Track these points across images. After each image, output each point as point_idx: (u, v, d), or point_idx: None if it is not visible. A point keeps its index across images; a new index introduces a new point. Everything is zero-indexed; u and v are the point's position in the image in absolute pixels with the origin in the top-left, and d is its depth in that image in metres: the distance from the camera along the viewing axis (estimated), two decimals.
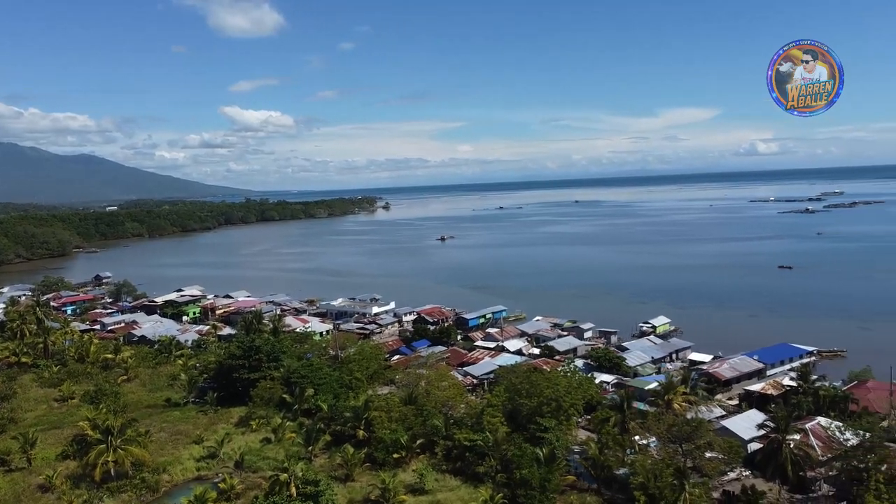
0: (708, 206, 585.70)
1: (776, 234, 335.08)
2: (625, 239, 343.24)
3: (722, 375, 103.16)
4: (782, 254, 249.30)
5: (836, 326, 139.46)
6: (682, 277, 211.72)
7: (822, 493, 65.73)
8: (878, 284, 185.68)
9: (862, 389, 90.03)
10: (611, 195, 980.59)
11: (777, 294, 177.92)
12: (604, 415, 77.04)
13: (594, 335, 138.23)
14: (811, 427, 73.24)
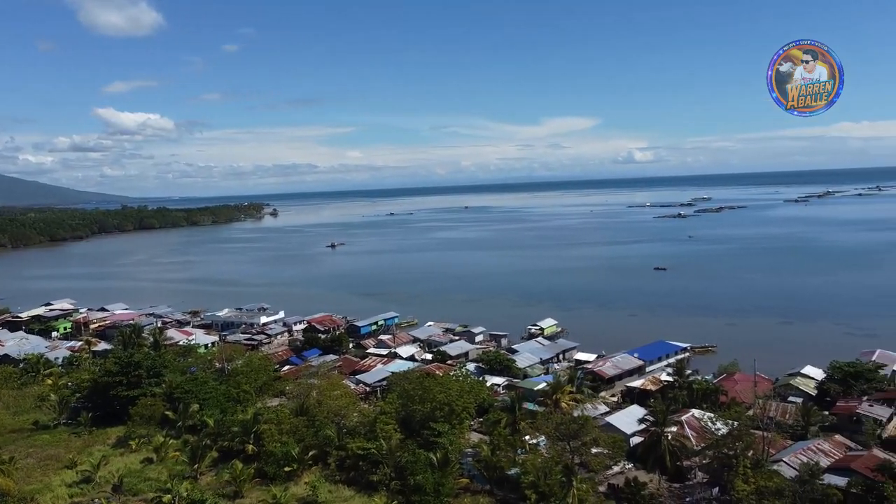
0: (589, 212, 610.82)
1: (652, 237, 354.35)
2: (513, 244, 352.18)
3: (605, 373, 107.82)
4: (658, 256, 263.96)
5: (706, 323, 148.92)
6: (567, 280, 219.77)
7: (697, 481, 69.93)
8: (743, 283, 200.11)
9: (730, 382, 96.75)
10: (499, 201, 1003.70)
11: (654, 294, 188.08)
12: (495, 417, 78.49)
13: (485, 339, 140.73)
14: (686, 419, 77.88)
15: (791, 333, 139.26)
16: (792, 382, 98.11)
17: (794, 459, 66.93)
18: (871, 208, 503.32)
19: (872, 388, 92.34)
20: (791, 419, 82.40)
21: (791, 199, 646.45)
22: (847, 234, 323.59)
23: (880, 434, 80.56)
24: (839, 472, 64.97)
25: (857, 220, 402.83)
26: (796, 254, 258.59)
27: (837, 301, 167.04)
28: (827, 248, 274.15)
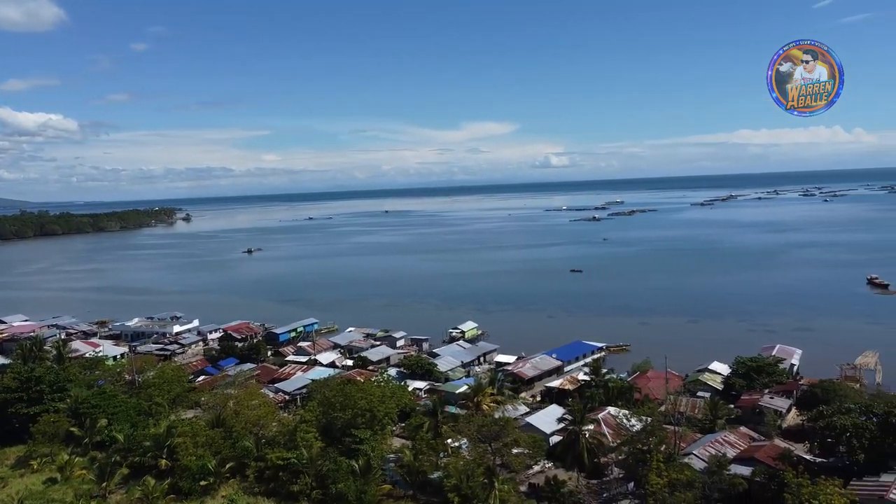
0: (507, 216, 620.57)
1: (568, 240, 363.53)
2: (433, 248, 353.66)
3: (525, 374, 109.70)
4: (574, 258, 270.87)
5: (621, 323, 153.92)
6: (487, 283, 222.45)
7: (613, 476, 72.11)
8: (654, 284, 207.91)
9: (643, 379, 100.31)
10: (419, 205, 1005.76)
11: (570, 295, 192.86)
12: (417, 421, 78.50)
13: (406, 343, 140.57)
14: (603, 417, 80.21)
15: (698, 331, 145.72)
16: (700, 378, 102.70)
17: (703, 452, 70.03)
18: (769, 211, 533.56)
19: (773, 381, 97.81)
20: (700, 413, 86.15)
21: (697, 203, 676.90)
22: (748, 235, 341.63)
23: (780, 424, 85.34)
24: (744, 462, 68.48)
25: (757, 222, 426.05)
26: (702, 255, 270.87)
27: (740, 299, 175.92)
28: (730, 249, 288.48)
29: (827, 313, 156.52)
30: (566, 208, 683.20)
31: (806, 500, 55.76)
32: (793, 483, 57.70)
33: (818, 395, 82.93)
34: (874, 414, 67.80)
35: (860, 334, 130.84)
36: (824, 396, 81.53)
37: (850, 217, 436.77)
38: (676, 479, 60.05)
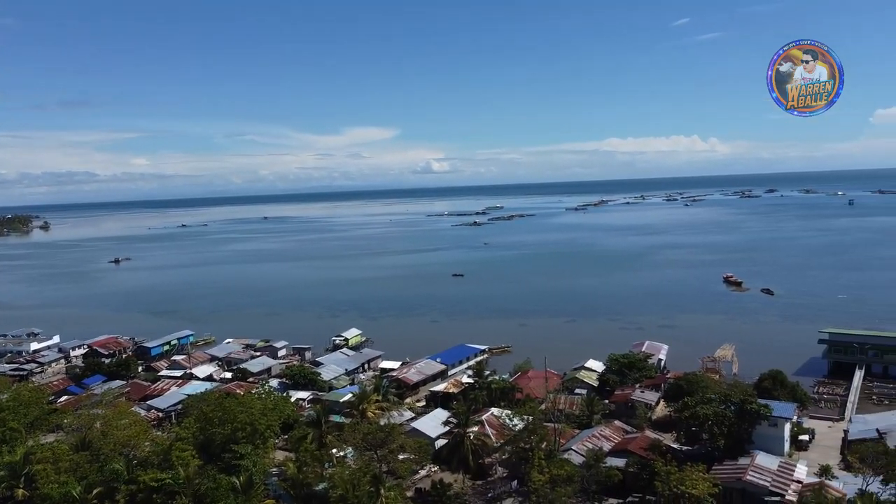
0: (389, 221, 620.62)
1: (450, 245, 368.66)
2: (315, 254, 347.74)
3: (410, 380, 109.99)
4: (456, 263, 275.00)
5: (502, 325, 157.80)
6: (371, 289, 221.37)
7: (497, 476, 73.73)
8: (533, 286, 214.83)
9: (524, 379, 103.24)
10: (300, 211, 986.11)
11: (453, 299, 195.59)
12: (301, 432, 76.73)
13: (288, 353, 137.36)
14: (486, 418, 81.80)
15: (575, 331, 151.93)
16: (577, 376, 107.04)
17: (581, 447, 72.99)
18: (637, 215, 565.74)
19: (643, 375, 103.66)
20: (578, 410, 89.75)
21: (572, 208, 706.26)
22: (618, 238, 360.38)
23: (650, 416, 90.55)
24: (619, 454, 72.04)
25: (626, 225, 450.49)
26: (577, 257, 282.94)
27: (612, 299, 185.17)
28: (602, 251, 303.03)
29: (689, 310, 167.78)
30: (448, 213, 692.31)
31: (674, 486, 59.44)
32: (662, 471, 61.35)
33: (683, 388, 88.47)
34: (732, 402, 73.34)
35: (718, 329, 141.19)
36: (688, 388, 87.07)
37: (707, 220, 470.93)
38: (557, 474, 62.20)
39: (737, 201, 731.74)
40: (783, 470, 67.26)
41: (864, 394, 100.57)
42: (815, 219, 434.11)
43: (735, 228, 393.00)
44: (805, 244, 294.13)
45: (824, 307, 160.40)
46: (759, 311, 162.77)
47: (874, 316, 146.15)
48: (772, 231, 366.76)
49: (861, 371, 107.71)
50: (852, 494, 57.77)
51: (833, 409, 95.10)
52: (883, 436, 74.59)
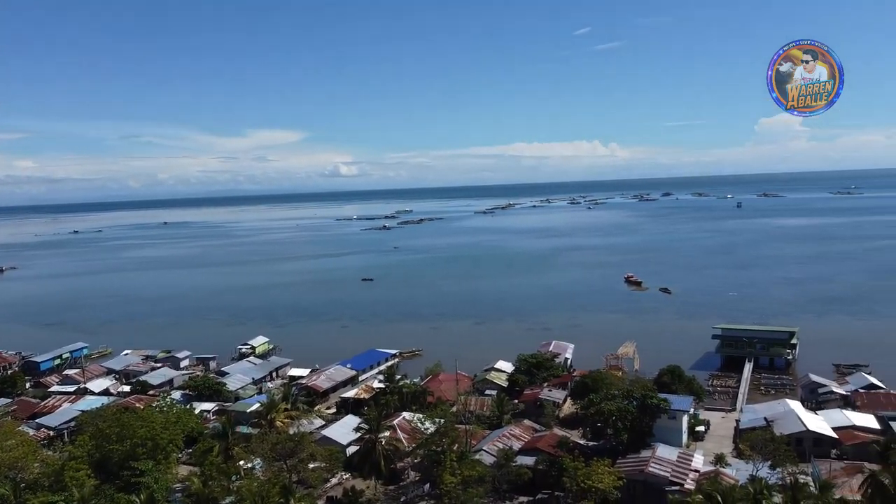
0: (296, 226, 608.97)
1: (360, 249, 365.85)
2: (218, 260, 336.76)
3: (320, 387, 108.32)
4: (365, 267, 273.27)
5: (412, 329, 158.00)
6: (278, 295, 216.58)
7: (410, 480, 73.68)
8: (442, 289, 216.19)
9: (435, 382, 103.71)
10: (202, 215, 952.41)
11: (363, 304, 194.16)
12: (206, 445, 73.98)
13: (191, 363, 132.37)
14: (398, 422, 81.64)
15: (484, 332, 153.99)
16: (487, 377, 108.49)
17: (492, 447, 73.97)
18: (543, 218, 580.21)
19: (551, 375, 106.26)
20: (488, 410, 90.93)
21: (480, 211, 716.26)
22: (525, 241, 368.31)
23: (558, 414, 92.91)
24: (528, 452, 73.49)
25: (533, 228, 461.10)
26: (486, 260, 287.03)
27: (520, 300, 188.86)
28: (510, 253, 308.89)
29: (593, 310, 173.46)
30: (357, 217, 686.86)
31: (581, 481, 61.31)
32: (570, 467, 63.15)
33: (588, 385, 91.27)
34: (634, 398, 76.37)
35: (621, 327, 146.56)
36: (593, 385, 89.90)
37: (609, 222, 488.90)
38: (469, 475, 62.84)
39: (636, 204, 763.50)
40: (682, 460, 70.60)
41: (753, 385, 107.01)
42: (707, 220, 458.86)
43: (635, 230, 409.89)
44: (698, 245, 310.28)
45: (717, 304, 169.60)
46: (658, 310, 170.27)
47: (761, 312, 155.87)
48: (668, 232, 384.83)
49: (750, 364, 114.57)
50: (744, 480, 61.25)
51: (726, 400, 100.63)
52: (770, 423, 79.53)
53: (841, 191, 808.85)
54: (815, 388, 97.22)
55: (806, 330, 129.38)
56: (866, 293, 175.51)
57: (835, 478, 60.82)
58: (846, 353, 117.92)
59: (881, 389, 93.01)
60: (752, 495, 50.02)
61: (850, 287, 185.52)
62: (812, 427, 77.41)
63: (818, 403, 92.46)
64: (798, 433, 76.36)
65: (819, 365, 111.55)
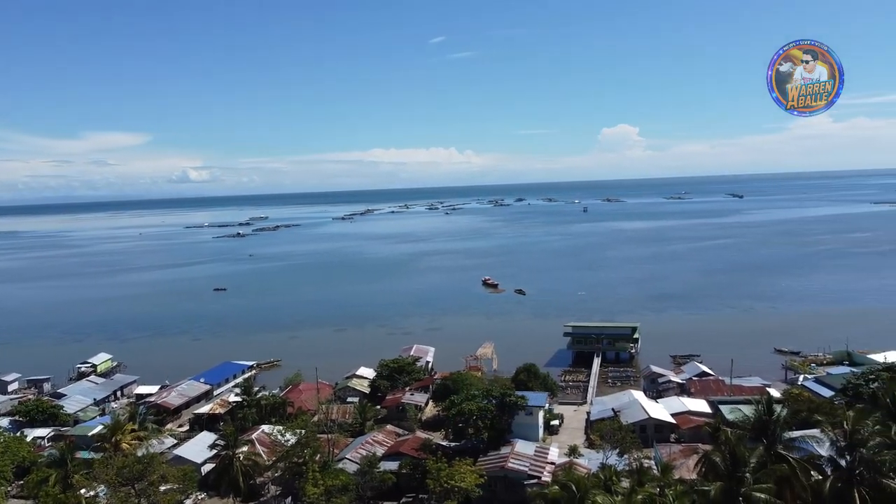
0: (139, 234, 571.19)
1: (211, 258, 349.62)
2: (52, 273, 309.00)
3: (171, 404, 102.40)
4: (218, 277, 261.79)
5: (270, 339, 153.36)
6: (121, 309, 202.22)
7: (270, 495, 71.30)
8: (301, 297, 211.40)
9: (296, 392, 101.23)
10: (32, 224, 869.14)
11: (216, 316, 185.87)
12: (41, 475, 67.67)
13: (22, 386, 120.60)
14: (257, 436, 78.81)
15: (345, 339, 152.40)
16: (349, 384, 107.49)
17: (355, 455, 73.33)
18: (402, 224, 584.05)
19: (412, 378, 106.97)
20: (350, 418, 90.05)
21: (339, 217, 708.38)
22: (385, 246, 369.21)
23: (420, 417, 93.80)
24: (392, 457, 73.56)
25: (392, 234, 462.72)
26: (345, 266, 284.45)
27: (380, 306, 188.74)
28: (369, 259, 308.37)
29: (452, 312, 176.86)
30: (208, 225, 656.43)
31: (445, 481, 62.17)
32: (433, 469, 63.89)
33: (449, 387, 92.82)
34: (493, 397, 78.67)
35: (479, 328, 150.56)
36: (454, 387, 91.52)
37: (466, 227, 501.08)
38: (332, 485, 61.91)
39: (491, 209, 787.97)
40: (539, 454, 73.57)
41: (602, 378, 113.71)
42: (557, 224, 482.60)
43: (491, 234, 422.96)
44: (549, 247, 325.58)
45: (567, 304, 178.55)
46: (513, 311, 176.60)
47: (607, 309, 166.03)
48: (522, 236, 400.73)
49: (598, 358, 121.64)
50: (596, 468, 64.79)
51: (577, 394, 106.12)
52: (617, 414, 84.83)
53: (673, 196, 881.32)
54: (656, 378, 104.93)
55: (646, 325, 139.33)
56: (696, 289, 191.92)
57: (674, 460, 65.91)
58: (681, 344, 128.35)
59: (711, 376, 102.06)
60: (603, 482, 52.99)
61: (682, 284, 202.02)
62: (654, 414, 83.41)
63: (658, 392, 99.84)
64: (642, 421, 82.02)
65: (658, 357, 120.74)
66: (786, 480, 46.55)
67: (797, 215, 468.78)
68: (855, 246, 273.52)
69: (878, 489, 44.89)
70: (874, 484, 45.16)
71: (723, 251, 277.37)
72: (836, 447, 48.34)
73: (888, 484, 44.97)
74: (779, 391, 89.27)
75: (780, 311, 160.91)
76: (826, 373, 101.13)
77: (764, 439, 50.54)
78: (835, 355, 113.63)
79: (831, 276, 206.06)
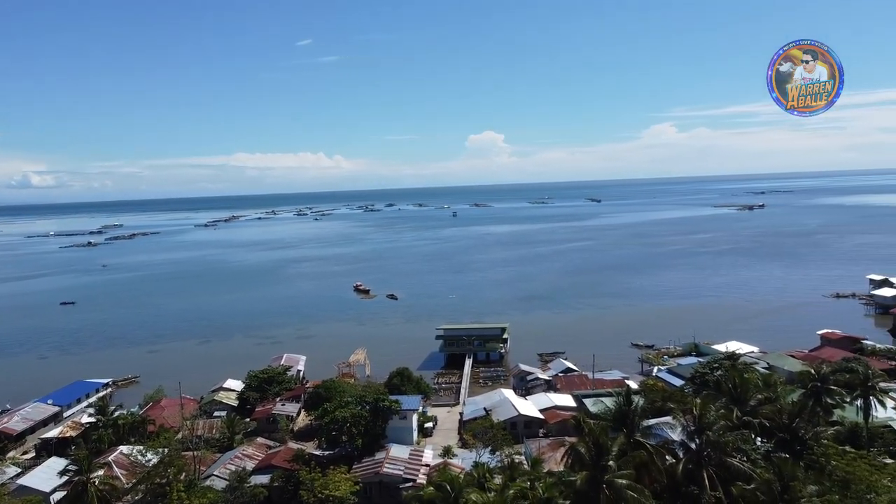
0: None
1: (59, 269, 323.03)
2: None
3: (12, 430, 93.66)
4: (66, 289, 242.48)
5: (127, 354, 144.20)
6: None
7: None
8: (161, 309, 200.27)
9: (157, 409, 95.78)
10: None
11: (64, 331, 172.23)
12: None
13: None
14: (114, 458, 73.76)
15: (210, 351, 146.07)
16: (216, 398, 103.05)
17: (223, 470, 70.39)
18: (269, 230, 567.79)
19: (283, 388, 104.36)
20: (218, 433, 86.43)
21: (202, 224, 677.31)
22: (251, 254, 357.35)
23: (293, 428, 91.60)
24: (263, 470, 71.33)
25: (259, 241, 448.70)
26: (209, 275, 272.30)
27: (247, 315, 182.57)
28: (235, 268, 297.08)
29: (324, 320, 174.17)
30: (54, 234, 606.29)
31: (319, 491, 61.07)
32: (307, 479, 62.58)
33: (322, 395, 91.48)
34: (367, 402, 78.26)
35: (351, 335, 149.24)
36: (327, 395, 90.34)
37: (336, 233, 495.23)
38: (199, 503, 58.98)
39: (361, 215, 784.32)
40: (413, 457, 74.02)
41: (474, 378, 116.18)
42: (427, 230, 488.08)
43: (361, 240, 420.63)
44: (420, 252, 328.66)
45: (438, 307, 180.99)
46: (386, 316, 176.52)
47: (477, 311, 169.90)
48: (393, 241, 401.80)
49: (470, 359, 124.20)
50: (469, 467, 66.05)
51: (451, 395, 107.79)
52: (489, 412, 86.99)
53: (537, 200, 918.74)
54: (525, 376, 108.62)
55: (515, 325, 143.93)
56: (560, 290, 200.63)
57: (543, 453, 68.43)
58: (547, 343, 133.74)
59: (575, 372, 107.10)
60: (477, 479, 54.19)
61: (547, 285, 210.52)
62: (523, 411, 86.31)
63: (527, 389, 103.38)
64: (512, 418, 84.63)
65: (527, 355, 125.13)
66: (644, 466, 49.63)
67: (648, 218, 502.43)
68: (698, 246, 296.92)
69: (723, 468, 48.90)
70: (720, 463, 49.16)
71: (583, 253, 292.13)
72: (687, 432, 52.23)
73: (731, 462, 49.12)
74: (636, 383, 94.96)
75: (635, 307, 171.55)
76: (677, 364, 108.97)
77: (624, 428, 53.60)
78: (684, 347, 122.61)
79: (678, 274, 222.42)
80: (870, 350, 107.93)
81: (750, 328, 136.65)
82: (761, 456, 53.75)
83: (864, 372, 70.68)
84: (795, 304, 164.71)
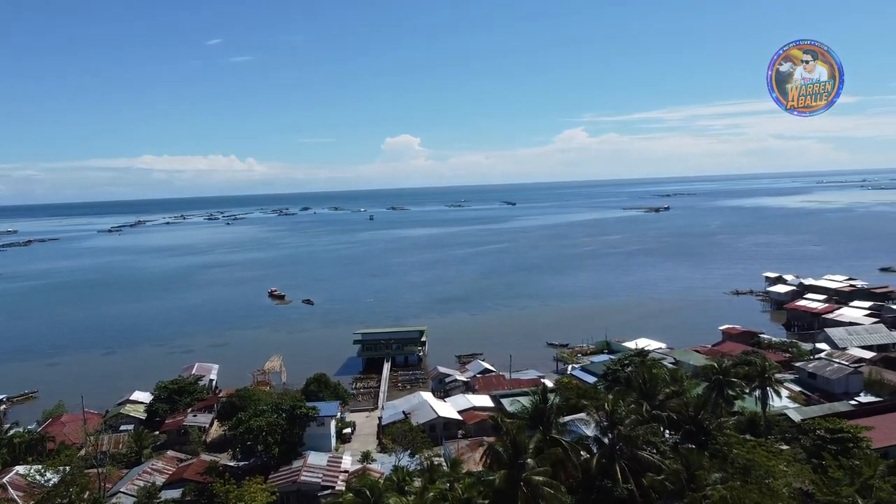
0: None
1: None
2: None
3: None
4: None
5: (23, 368, 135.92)
6: None
7: None
8: (60, 320, 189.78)
9: (58, 425, 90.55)
10: None
11: None
12: None
13: None
14: (9, 479, 69.13)
15: (116, 363, 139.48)
16: (122, 411, 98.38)
17: (131, 486, 67.33)
18: (178, 235, 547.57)
19: (195, 399, 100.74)
20: (125, 448, 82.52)
21: (105, 230, 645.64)
22: (159, 260, 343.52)
23: (205, 439, 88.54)
24: (174, 484, 68.60)
25: (167, 246, 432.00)
26: (113, 284, 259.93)
27: (156, 324, 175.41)
28: (142, 275, 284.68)
29: (238, 327, 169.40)
30: None
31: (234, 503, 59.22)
32: (220, 492, 60.54)
33: (236, 404, 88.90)
34: (283, 410, 76.61)
35: (267, 341, 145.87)
36: (241, 404, 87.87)
37: (249, 238, 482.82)
38: None
39: (276, 219, 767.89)
40: (332, 464, 73.00)
41: (392, 382, 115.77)
42: (344, 233, 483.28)
43: (276, 245, 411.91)
44: (336, 256, 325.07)
45: (356, 311, 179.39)
46: (302, 321, 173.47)
47: (395, 314, 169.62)
48: (308, 245, 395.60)
49: (388, 363, 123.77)
50: (389, 471, 65.75)
51: (369, 400, 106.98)
52: (408, 416, 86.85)
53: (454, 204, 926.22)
54: (443, 378, 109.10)
55: (433, 327, 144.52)
56: (477, 291, 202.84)
57: (462, 454, 68.93)
58: (465, 344, 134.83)
59: (493, 373, 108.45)
60: (396, 483, 53.99)
61: (464, 287, 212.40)
62: (442, 413, 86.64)
63: (446, 391, 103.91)
64: (431, 420, 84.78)
65: (445, 357, 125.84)
66: (560, 462, 50.84)
67: (561, 220, 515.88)
68: (609, 247, 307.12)
69: (634, 460, 50.69)
70: (632, 456, 50.95)
71: (499, 255, 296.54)
72: (600, 427, 53.86)
73: (642, 455, 50.99)
74: (552, 381, 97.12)
75: (549, 307, 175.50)
76: (590, 361, 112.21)
77: (541, 426, 54.72)
78: (596, 345, 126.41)
79: (591, 274, 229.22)
80: (766, 343, 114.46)
81: (658, 325, 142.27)
82: (670, 447, 56.02)
83: (762, 364, 75.04)
84: (699, 302, 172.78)
